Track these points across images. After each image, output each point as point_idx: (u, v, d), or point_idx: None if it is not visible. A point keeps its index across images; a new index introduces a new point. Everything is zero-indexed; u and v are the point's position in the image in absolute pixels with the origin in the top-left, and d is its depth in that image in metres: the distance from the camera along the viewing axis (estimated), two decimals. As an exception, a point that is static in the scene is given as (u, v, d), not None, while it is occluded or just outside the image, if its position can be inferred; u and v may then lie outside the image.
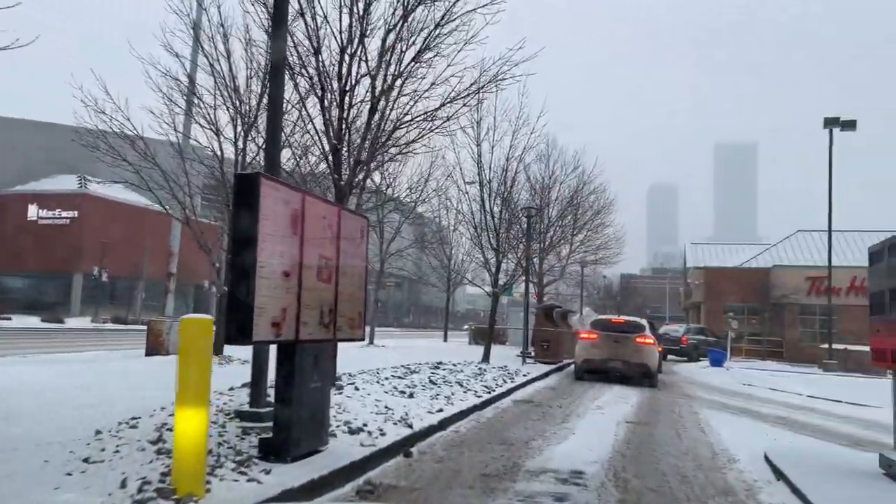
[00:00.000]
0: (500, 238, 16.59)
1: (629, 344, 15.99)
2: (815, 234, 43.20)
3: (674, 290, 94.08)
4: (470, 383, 11.49)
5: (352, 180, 8.46)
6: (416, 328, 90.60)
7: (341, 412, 7.33)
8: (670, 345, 32.51)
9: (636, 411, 11.12)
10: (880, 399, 14.84)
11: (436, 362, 14.37)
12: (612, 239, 27.20)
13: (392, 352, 19.48)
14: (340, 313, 6.19)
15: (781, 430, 9.99)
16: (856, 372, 26.44)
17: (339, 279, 6.17)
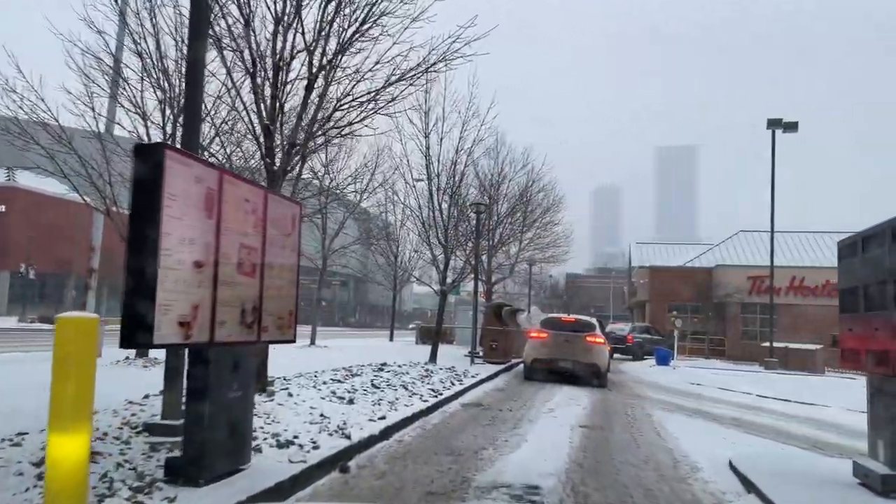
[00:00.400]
0: (449, 234, 15.96)
1: (579, 343, 15.59)
2: (755, 234, 44.09)
3: (618, 290, 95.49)
4: (416, 386, 10.80)
5: (286, 165, 7.66)
6: (362, 328, 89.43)
7: (270, 423, 6.55)
8: (616, 343, 32.52)
9: (589, 414, 10.63)
10: (826, 397, 14.87)
11: (380, 364, 13.63)
12: (562, 237, 26.93)
13: (334, 353, 18.62)
14: (267, 312, 5.42)
15: (738, 432, 9.64)
16: (796, 370, 26.87)
17: (266, 273, 5.40)
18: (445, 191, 15.95)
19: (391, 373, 11.91)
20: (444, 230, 15.90)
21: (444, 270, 16.09)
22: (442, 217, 15.85)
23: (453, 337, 30.47)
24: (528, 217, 24.17)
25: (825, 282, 37.59)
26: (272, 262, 5.50)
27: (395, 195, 17.94)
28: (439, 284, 16.36)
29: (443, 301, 16.53)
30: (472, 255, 18.36)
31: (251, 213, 5.20)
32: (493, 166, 23.17)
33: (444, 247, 15.95)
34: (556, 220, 26.41)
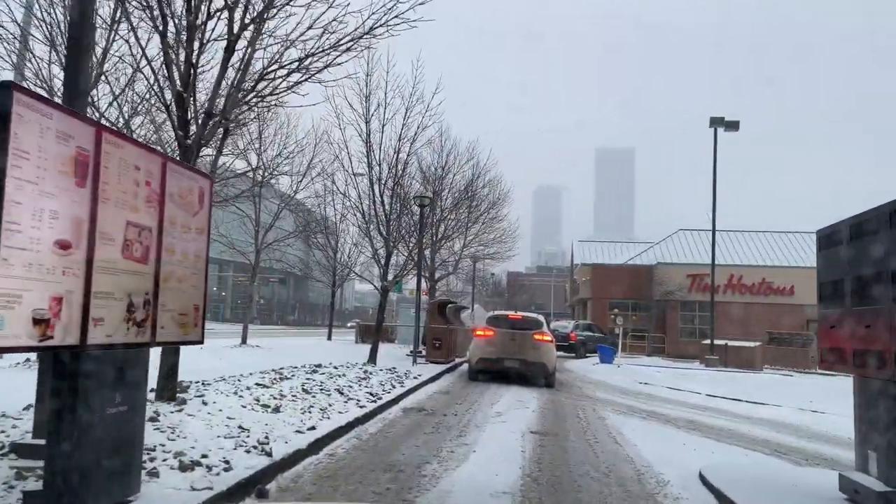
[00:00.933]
0: (391, 227, 15.04)
1: (527, 341, 14.91)
2: (695, 233, 44.64)
3: (559, 288, 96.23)
4: (352, 390, 9.87)
5: (201, 138, 6.62)
6: (301, 326, 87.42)
7: (175, 438, 5.53)
8: (559, 341, 32.13)
9: (540, 418, 9.91)
10: (774, 396, 14.64)
11: (314, 365, 12.62)
12: (507, 233, 26.31)
13: (266, 353, 17.46)
14: (165, 306, 4.43)
15: (697, 437, 9.08)
16: (735, 367, 27.04)
17: (164, 259, 4.40)
18: (387, 181, 15.03)
19: (326, 375, 10.93)
20: (385, 223, 14.97)
21: (386, 265, 15.16)
22: (384, 209, 14.92)
23: (394, 336, 29.53)
24: (472, 212, 23.46)
25: (761, 280, 38.33)
26: (172, 246, 4.51)
27: (334, 185, 16.87)
28: (380, 280, 15.41)
29: (384, 298, 15.60)
30: (415, 250, 17.48)
31: (144, 184, 4.20)
32: (438, 160, 22.40)
33: (386, 240, 15.02)
34: (500, 217, 25.82)
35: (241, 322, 31.64)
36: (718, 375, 22.48)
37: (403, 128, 14.99)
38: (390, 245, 15.02)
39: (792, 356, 29.10)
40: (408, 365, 16.05)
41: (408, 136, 14.95)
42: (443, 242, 23.08)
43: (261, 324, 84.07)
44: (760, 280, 38.26)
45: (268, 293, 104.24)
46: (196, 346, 12.76)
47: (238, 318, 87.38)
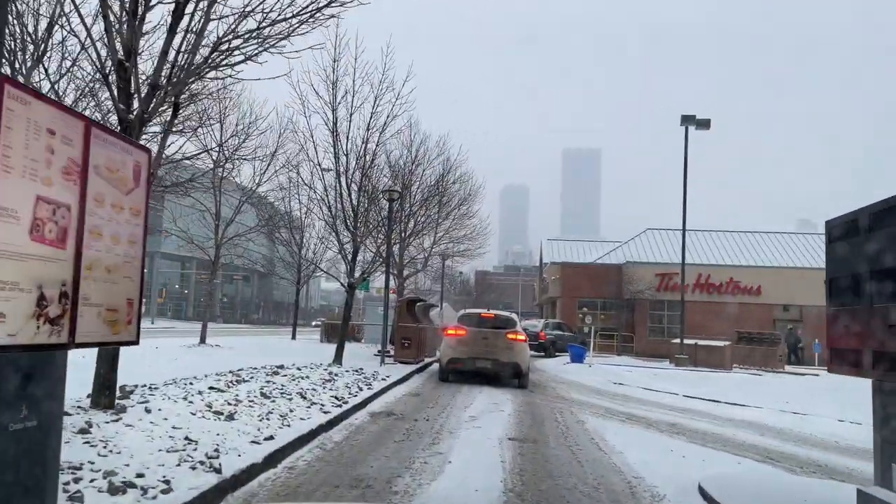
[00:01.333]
0: (358, 221, 14.32)
1: (500, 341, 14.36)
2: (663, 232, 44.72)
3: (526, 287, 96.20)
4: (316, 393, 9.16)
5: (143, 112, 5.86)
6: (266, 325, 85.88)
7: (108, 453, 4.79)
8: (529, 340, 31.74)
9: (516, 423, 9.33)
10: (751, 397, 14.29)
11: (276, 366, 11.86)
12: (478, 230, 25.72)
13: (226, 353, 16.60)
14: (88, 300, 3.70)
15: (683, 442, 8.58)
16: (704, 366, 26.90)
17: (88, 243, 3.68)
18: (355, 172, 14.31)
19: (288, 377, 10.19)
20: (353, 215, 14.26)
21: (353, 261, 14.44)
22: (351, 201, 14.19)
23: (361, 335, 28.76)
24: (443, 207, 22.83)
25: (729, 279, 38.45)
26: (99, 228, 3.78)
27: (298, 176, 16.04)
28: (347, 277, 14.68)
29: (350, 295, 14.86)
30: (384, 246, 16.80)
31: (60, 151, 3.48)
32: (407, 154, 21.72)
33: (353, 235, 14.30)
34: (470, 214, 25.21)
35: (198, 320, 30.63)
36: (690, 375, 22.22)
37: (372, 117, 14.31)
38: (357, 240, 14.30)
39: (761, 355, 29.06)
40: (375, 365, 15.37)
41: (377, 125, 14.29)
42: (412, 239, 22.42)
43: (224, 322, 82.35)
44: (728, 279, 38.39)
45: (231, 291, 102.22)
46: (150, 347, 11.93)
47: (201, 317, 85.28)
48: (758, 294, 38.01)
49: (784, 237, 44.10)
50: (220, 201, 18.07)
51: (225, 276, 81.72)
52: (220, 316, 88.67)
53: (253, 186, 18.42)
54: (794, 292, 37.78)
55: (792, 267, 39.30)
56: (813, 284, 38.08)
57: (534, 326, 33.45)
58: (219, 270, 73.14)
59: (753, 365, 28.68)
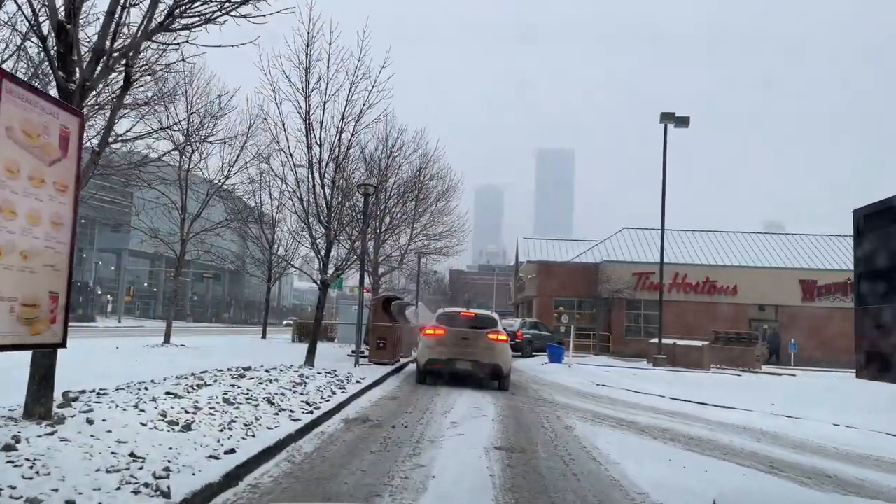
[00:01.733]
0: (332, 214, 13.59)
1: (480, 341, 13.74)
2: (639, 231, 44.55)
3: (500, 286, 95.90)
4: (285, 398, 8.44)
5: (86, 81, 5.11)
6: (237, 324, 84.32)
7: (34, 475, 4.06)
8: (505, 340, 31.37)
9: (501, 429, 8.71)
10: (738, 399, 13.86)
11: (243, 368, 11.10)
12: (455, 227, 25.06)
13: (191, 354, 15.76)
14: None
15: (680, 450, 8.03)
16: (682, 366, 26.60)
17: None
18: (329, 163, 13.57)
19: (255, 380, 9.45)
20: (326, 208, 13.52)
21: (326, 257, 13.70)
22: (324, 193, 13.46)
23: (335, 334, 27.96)
24: (420, 203, 22.17)
25: (705, 279, 38.34)
26: (11, 205, 3.08)
27: (269, 167, 15.20)
28: (320, 274, 13.94)
29: (323, 293, 14.12)
30: (359, 242, 16.10)
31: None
32: (383, 149, 21.03)
33: (327, 229, 13.56)
34: (448, 210, 24.52)
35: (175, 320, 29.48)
36: (670, 376, 21.85)
37: (347, 105, 13.59)
38: (331, 235, 13.57)
39: (738, 355, 28.85)
40: (349, 366, 14.66)
41: (352, 113, 13.57)
42: (387, 234, 21.75)
43: (194, 321, 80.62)
44: (704, 279, 38.28)
45: (202, 290, 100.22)
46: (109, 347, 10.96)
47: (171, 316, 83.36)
48: (734, 294, 37.96)
49: (760, 237, 44.21)
50: (185, 194, 17.20)
51: (195, 275, 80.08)
52: (191, 315, 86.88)
53: (221, 179, 17.55)
54: (769, 292, 37.83)
55: (767, 267, 39.35)
56: (787, 284, 38.24)
57: (510, 326, 32.93)
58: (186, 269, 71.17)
59: (731, 365, 28.45)
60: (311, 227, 13.68)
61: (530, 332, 32.00)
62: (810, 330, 36.77)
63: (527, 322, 33.63)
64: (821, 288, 37.76)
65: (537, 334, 32.39)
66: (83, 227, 76.42)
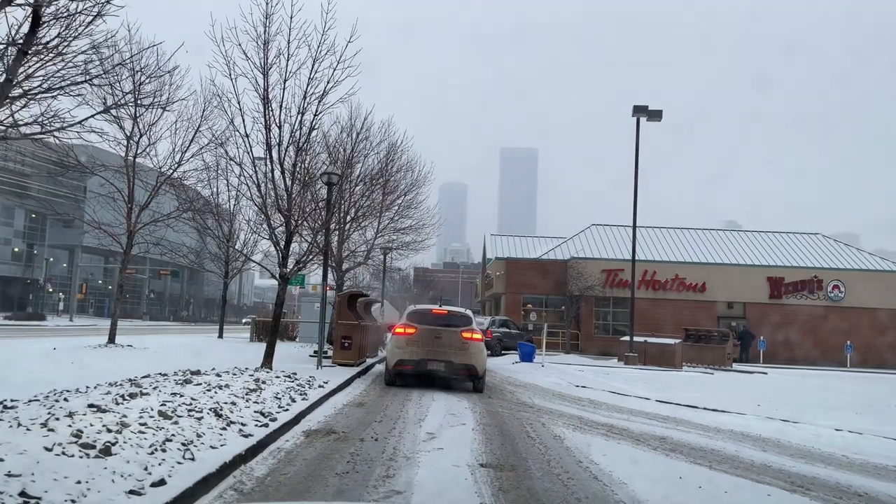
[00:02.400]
0: (293, 201, 12.40)
1: (454, 340, 12.78)
2: (607, 228, 44.09)
3: (465, 284, 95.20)
4: (236, 408, 7.30)
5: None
6: (195, 322, 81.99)
7: None
8: (474, 338, 30.48)
9: (484, 441, 7.70)
10: (726, 401, 13.12)
11: (191, 371, 9.88)
12: (425, 218, 23.94)
13: (136, 355, 14.43)
14: None
15: (685, 463, 7.13)
16: (654, 365, 26.02)
17: None
18: (289, 146, 12.38)
19: (202, 387, 8.27)
20: (286, 195, 12.34)
21: (286, 249, 12.51)
22: (284, 180, 12.27)
23: (296, 333, 26.67)
24: (386, 196, 21.04)
25: (674, 276, 37.95)
26: None
27: (224, 151, 13.85)
28: (279, 267, 12.73)
29: (283, 288, 12.93)
30: (321, 233, 14.94)
31: None
32: (347, 138, 19.86)
33: (287, 218, 12.37)
34: (416, 204, 23.35)
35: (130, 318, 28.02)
36: (645, 375, 21.21)
37: (310, 83, 12.41)
38: (291, 225, 12.39)
39: (709, 353, 28.39)
40: (312, 369, 13.51)
41: (315, 92, 12.39)
42: (352, 227, 20.58)
43: (151, 319, 78.01)
44: (673, 276, 37.89)
45: (159, 287, 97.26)
46: (46, 348, 9.56)
47: (128, 314, 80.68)
48: (703, 291, 37.67)
49: (729, 235, 44.14)
50: (133, 181, 15.80)
51: (152, 272, 77.50)
52: (147, 313, 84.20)
53: (173, 165, 16.18)
54: (738, 289, 37.66)
55: (735, 264, 39.19)
56: (755, 282, 38.13)
57: (479, 324, 32.00)
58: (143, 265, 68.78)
59: (702, 363, 27.98)
60: (270, 216, 12.47)
61: (500, 330, 31.09)
62: (778, 327, 36.72)
63: (496, 320, 32.72)
64: (788, 285, 37.72)
65: (507, 332, 31.51)
66: (33, 223, 73.40)
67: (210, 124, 16.20)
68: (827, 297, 37.39)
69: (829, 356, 34.90)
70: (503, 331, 31.59)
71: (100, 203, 17.14)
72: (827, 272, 38.10)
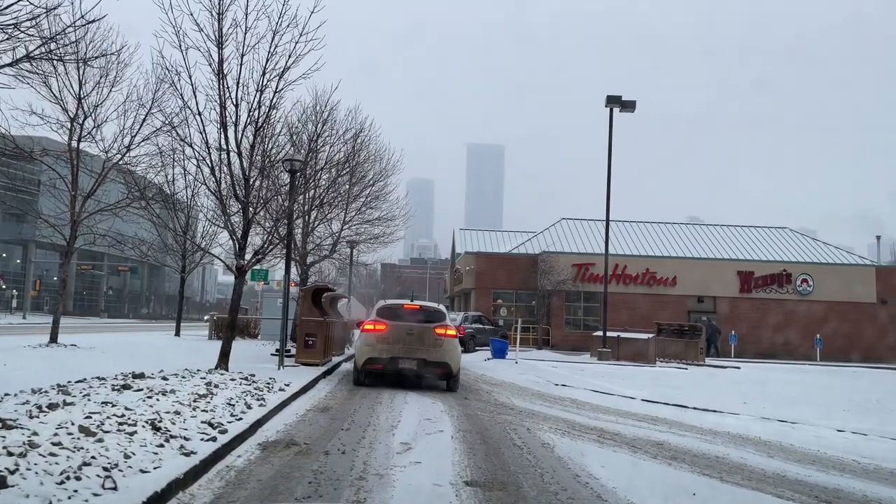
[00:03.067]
0: (250, 186, 11.32)
1: (427, 337, 11.94)
2: (578, 222, 43.59)
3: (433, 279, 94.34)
4: (179, 418, 6.28)
5: None
6: (155, 320, 79.57)
7: None
8: (446, 334, 29.67)
9: (466, 452, 6.81)
10: (714, 400, 12.46)
11: (134, 374, 8.80)
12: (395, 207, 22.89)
13: (78, 355, 13.22)
14: None
15: (692, 475, 6.35)
16: (628, 360, 25.47)
17: None
18: (247, 126, 11.30)
19: (143, 392, 7.23)
20: (243, 179, 11.25)
21: (243, 239, 11.44)
22: (241, 162, 11.19)
23: (259, 330, 25.47)
24: (354, 186, 19.99)
25: (645, 270, 37.58)
26: None
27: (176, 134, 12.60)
28: (235, 258, 11.65)
29: (240, 282, 11.83)
30: (281, 224, 13.90)
31: None
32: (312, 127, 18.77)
33: (245, 205, 11.29)
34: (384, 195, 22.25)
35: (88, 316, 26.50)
36: (622, 371, 20.60)
37: (269, 59, 11.35)
38: (249, 211, 11.31)
39: (682, 348, 27.97)
40: (273, 369, 12.48)
41: (276, 68, 11.33)
42: (316, 217, 19.52)
43: (109, 317, 75.44)
44: (644, 270, 37.51)
45: (118, 283, 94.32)
46: None
47: (86, 312, 77.91)
48: (673, 285, 37.36)
49: (699, 229, 43.98)
50: (77, 167, 14.52)
51: (110, 268, 74.93)
52: (105, 311, 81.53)
53: (121, 149, 14.91)
54: (708, 283, 37.43)
55: (706, 258, 38.99)
56: (726, 276, 37.95)
57: (452, 320, 31.16)
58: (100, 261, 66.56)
59: (675, 358, 27.53)
60: (225, 201, 11.36)
61: (473, 326, 30.26)
62: (748, 321, 36.60)
63: (469, 315, 31.90)
64: (758, 279, 37.62)
65: (480, 328, 30.72)
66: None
67: (162, 105, 14.99)
68: (796, 290, 37.38)
69: (799, 349, 34.90)
70: (477, 326, 30.78)
71: (43, 192, 15.80)
72: (795, 266, 38.11)
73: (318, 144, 16.08)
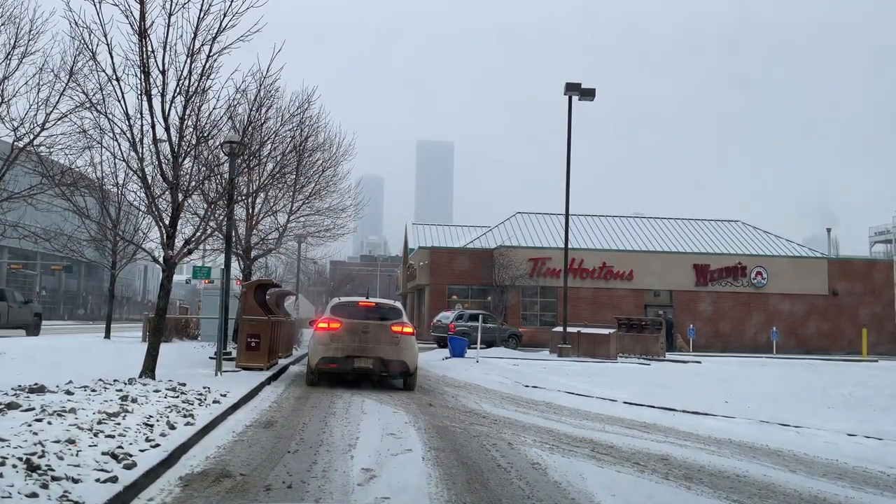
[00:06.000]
0: (179, 165, 9.76)
1: (383, 335, 10.90)
2: (532, 216, 42.86)
3: (384, 277, 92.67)
4: (72, 449, 4.82)
5: None
6: (93, 321, 75.77)
7: None
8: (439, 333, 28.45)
9: (444, 479, 5.53)
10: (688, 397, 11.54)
11: (29, 387, 7.22)
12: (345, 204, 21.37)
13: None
14: None
15: (714, 500, 5.22)
16: (588, 356, 24.66)
17: None
18: (176, 96, 9.74)
19: (34, 412, 5.70)
20: (171, 157, 9.69)
21: (171, 225, 9.87)
22: (168, 137, 9.61)
23: (199, 331, 23.65)
24: (302, 174, 18.41)
25: (602, 264, 37.00)
26: None
27: (89, 101, 10.81)
28: (163, 249, 10.07)
29: (168, 275, 10.23)
30: (221, 209, 12.35)
31: None
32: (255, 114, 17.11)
33: (173, 187, 9.72)
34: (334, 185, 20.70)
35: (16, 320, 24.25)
36: (588, 368, 19.66)
37: (202, 19, 9.80)
38: (178, 195, 9.75)
39: (643, 343, 27.31)
40: (209, 375, 10.96)
41: (209, 29, 9.80)
42: (261, 209, 17.93)
43: (42, 319, 71.44)
44: (601, 264, 36.91)
45: (53, 283, 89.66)
46: None
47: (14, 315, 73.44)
48: (630, 279, 36.89)
49: (655, 222, 43.67)
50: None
51: (43, 267, 70.93)
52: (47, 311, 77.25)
53: (34, 129, 13.05)
54: (665, 277, 37.08)
55: (662, 251, 38.67)
56: (682, 269, 37.66)
57: (445, 318, 29.88)
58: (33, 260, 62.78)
59: (635, 353, 26.83)
60: (149, 182, 9.77)
61: (468, 324, 28.51)
62: (704, 315, 36.38)
63: (465, 313, 30.32)
64: (713, 272, 37.45)
65: (474, 327, 29.03)
66: None
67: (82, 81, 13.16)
68: (751, 283, 37.35)
69: (755, 342, 34.79)
70: (472, 325, 28.79)
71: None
72: (750, 258, 38.11)
73: (261, 120, 14.48)
